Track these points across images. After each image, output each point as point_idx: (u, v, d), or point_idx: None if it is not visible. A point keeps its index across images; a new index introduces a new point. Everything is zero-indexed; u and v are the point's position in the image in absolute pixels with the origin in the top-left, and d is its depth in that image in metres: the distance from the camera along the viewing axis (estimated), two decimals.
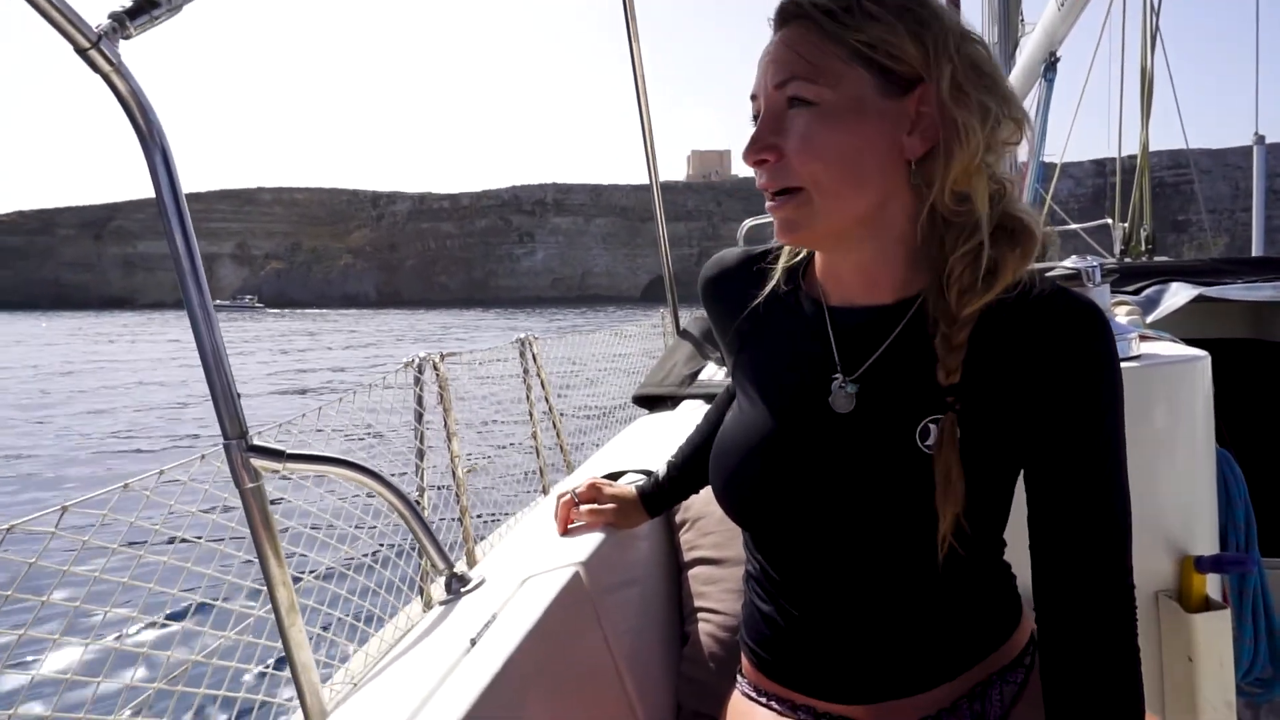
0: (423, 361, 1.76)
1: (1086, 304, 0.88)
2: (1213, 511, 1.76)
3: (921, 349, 0.90)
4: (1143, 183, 4.91)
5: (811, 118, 0.84)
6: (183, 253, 1.05)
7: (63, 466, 11.70)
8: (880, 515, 0.90)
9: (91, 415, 16.25)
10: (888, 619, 0.95)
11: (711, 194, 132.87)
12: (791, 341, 1.00)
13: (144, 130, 1.02)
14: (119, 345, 36.70)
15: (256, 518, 1.11)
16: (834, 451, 0.93)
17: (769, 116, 0.87)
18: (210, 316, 1.08)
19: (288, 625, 1.13)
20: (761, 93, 0.88)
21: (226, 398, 1.09)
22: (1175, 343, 1.82)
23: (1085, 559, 0.88)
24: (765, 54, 0.89)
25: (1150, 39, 4.96)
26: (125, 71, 0.99)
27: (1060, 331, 0.86)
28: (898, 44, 0.83)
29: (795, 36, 0.86)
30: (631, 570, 1.43)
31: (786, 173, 0.86)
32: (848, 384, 0.93)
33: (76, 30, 0.94)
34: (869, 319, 0.94)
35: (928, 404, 0.89)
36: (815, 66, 0.84)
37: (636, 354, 4.02)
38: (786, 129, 0.86)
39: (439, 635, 1.16)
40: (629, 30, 2.77)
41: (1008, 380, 0.88)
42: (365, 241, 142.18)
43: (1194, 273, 2.53)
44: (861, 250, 0.92)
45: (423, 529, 1.30)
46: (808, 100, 0.84)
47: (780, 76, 0.86)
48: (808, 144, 0.84)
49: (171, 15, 1.05)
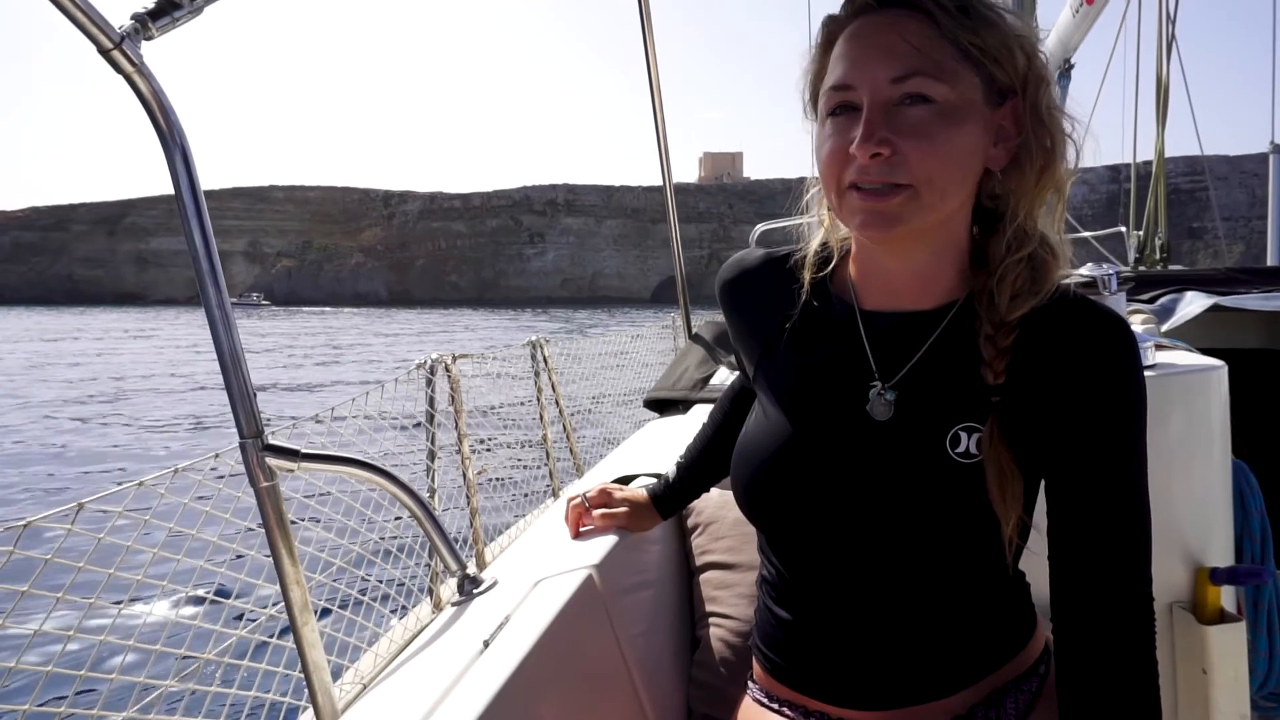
0: (435, 363, 1.76)
1: (1116, 316, 0.90)
2: (1228, 523, 1.75)
3: (955, 355, 0.91)
4: (1158, 190, 4.89)
5: (931, 115, 0.81)
6: (201, 252, 1.06)
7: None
8: (911, 522, 0.89)
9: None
10: (908, 626, 0.95)
11: (723, 196, 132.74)
12: (822, 346, 0.98)
13: (164, 130, 1.03)
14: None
15: (271, 516, 1.11)
16: (870, 458, 0.92)
17: (881, 108, 0.82)
18: (228, 316, 1.08)
19: (300, 624, 1.14)
20: (865, 83, 0.83)
21: (243, 397, 1.09)
22: (1191, 352, 1.81)
23: (1107, 570, 0.87)
24: (866, 41, 0.84)
25: (1166, 46, 4.93)
26: (147, 72, 0.99)
27: (1092, 342, 0.87)
28: (1007, 54, 0.83)
29: (909, 28, 0.82)
30: (643, 574, 1.42)
31: (901, 168, 0.82)
32: (887, 391, 0.92)
33: (100, 31, 0.94)
34: (903, 324, 0.94)
35: (960, 411, 0.90)
36: (937, 63, 0.81)
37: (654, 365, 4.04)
38: (899, 123, 0.82)
39: (452, 636, 1.16)
40: (644, 31, 2.77)
41: (1040, 387, 0.88)
42: (376, 240, 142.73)
43: (1209, 282, 2.52)
44: (921, 253, 0.91)
45: (436, 530, 1.31)
46: (928, 97, 0.81)
47: (900, 70, 0.81)
48: (929, 142, 0.81)
49: (193, 16, 1.06)
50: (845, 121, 0.85)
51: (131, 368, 23.75)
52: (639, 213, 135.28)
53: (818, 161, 0.89)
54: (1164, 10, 4.97)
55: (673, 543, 1.56)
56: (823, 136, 0.88)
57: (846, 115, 0.85)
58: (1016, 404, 0.88)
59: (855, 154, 0.82)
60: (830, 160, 0.86)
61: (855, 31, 0.86)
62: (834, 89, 0.85)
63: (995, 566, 0.93)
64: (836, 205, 0.88)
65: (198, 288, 1.09)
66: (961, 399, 0.90)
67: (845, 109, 0.85)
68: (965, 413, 0.89)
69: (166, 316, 60.94)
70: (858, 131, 0.82)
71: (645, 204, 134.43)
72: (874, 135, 0.81)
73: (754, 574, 1.41)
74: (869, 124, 0.81)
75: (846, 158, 0.84)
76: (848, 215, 0.87)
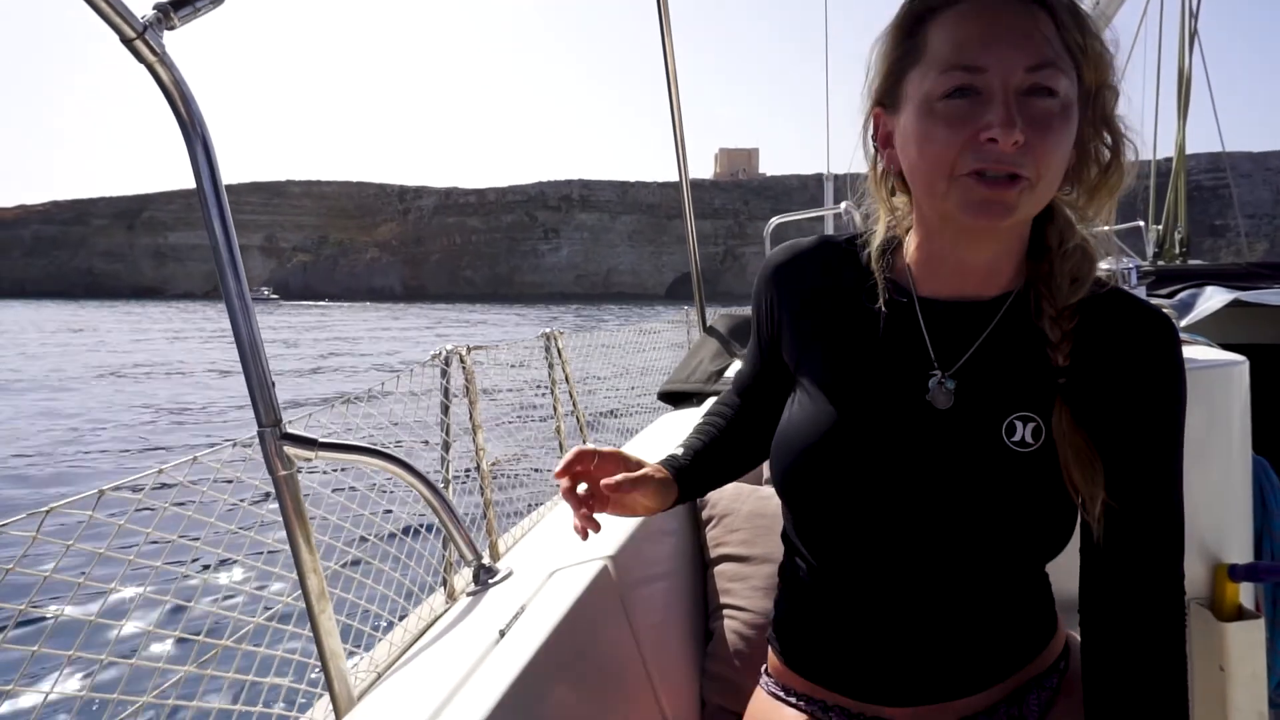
0: (450, 354, 1.77)
1: (1162, 313, 0.92)
2: (1248, 519, 1.74)
3: (1012, 344, 0.92)
4: (1178, 185, 4.84)
5: (1055, 109, 0.81)
6: (221, 242, 1.06)
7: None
8: (965, 511, 0.89)
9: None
10: (943, 620, 0.94)
11: (739, 192, 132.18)
12: (878, 332, 0.97)
13: (186, 120, 1.04)
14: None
15: (289, 505, 1.13)
16: (929, 447, 0.91)
17: (1014, 97, 0.80)
18: (248, 306, 1.09)
19: (318, 612, 1.15)
20: (1001, 66, 0.80)
21: (262, 386, 1.10)
22: (1212, 347, 1.79)
23: (1146, 560, 0.88)
24: (997, 23, 0.81)
25: (1189, 39, 4.87)
26: (169, 61, 1.00)
27: (1147, 337, 0.90)
28: (1098, 58, 0.83)
29: (1039, 19, 0.81)
30: (658, 565, 1.43)
31: (1027, 160, 0.80)
32: (947, 379, 0.92)
33: (123, 20, 0.95)
34: (961, 312, 0.94)
35: (1015, 400, 0.90)
36: (1062, 58, 0.81)
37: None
38: (1029, 114, 0.80)
39: (468, 626, 1.17)
40: (662, 28, 2.77)
41: (1098, 376, 0.89)
42: (391, 235, 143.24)
43: (1229, 277, 2.49)
44: (1000, 244, 0.91)
45: (452, 520, 1.31)
46: (1053, 91, 0.80)
47: (1036, 60, 0.80)
48: (1054, 136, 0.80)
49: (214, 6, 1.06)
50: (967, 105, 0.81)
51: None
52: (654, 209, 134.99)
53: (921, 144, 0.84)
54: (1186, 3, 4.91)
55: (687, 534, 1.56)
56: (933, 118, 0.83)
57: (967, 98, 0.81)
58: (1079, 390, 0.89)
59: (996, 139, 0.79)
60: (948, 145, 0.82)
61: (979, 11, 0.82)
62: (960, 68, 0.81)
63: (1035, 562, 0.95)
64: (943, 190, 0.84)
65: (218, 278, 1.10)
66: (1017, 388, 0.90)
67: (967, 92, 0.81)
68: (1021, 402, 0.90)
69: (190, 313, 61.17)
70: (989, 116, 0.79)
71: (660, 200, 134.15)
72: (1015, 122, 0.78)
73: (769, 566, 1.40)
74: (1009, 109, 0.79)
75: (970, 144, 0.81)
76: (958, 200, 0.83)
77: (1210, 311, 2.28)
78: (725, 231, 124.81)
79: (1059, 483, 0.88)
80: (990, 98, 0.80)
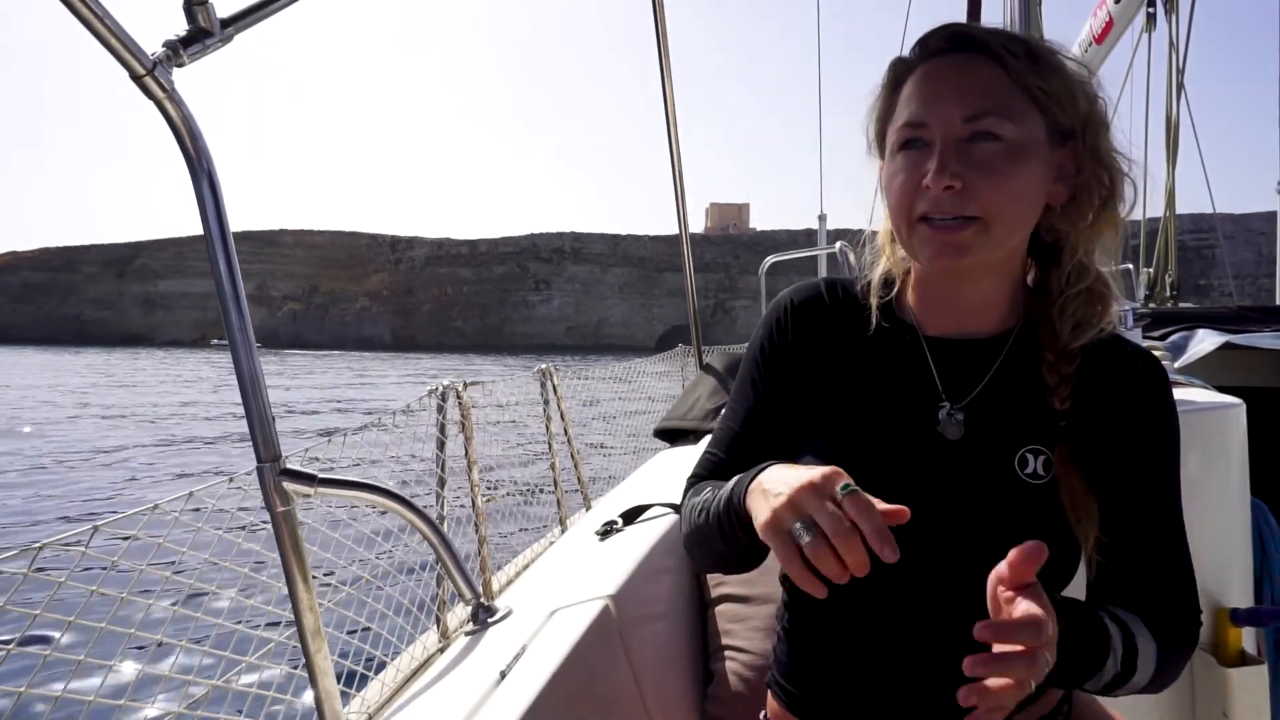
0: (446, 389, 1.76)
1: (1153, 355, 0.96)
2: (1248, 563, 1.73)
3: (1019, 380, 0.94)
4: (1168, 229, 4.92)
5: (1000, 152, 0.86)
6: (225, 278, 1.07)
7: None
8: (979, 543, 0.89)
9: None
10: (949, 659, 0.93)
11: (729, 246, 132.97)
12: (887, 369, 0.99)
13: (193, 157, 1.05)
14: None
15: (286, 541, 1.11)
16: (942, 477, 0.92)
17: (953, 145, 0.87)
18: (250, 343, 1.09)
19: (313, 651, 1.12)
20: (938, 121, 0.87)
21: (262, 421, 1.09)
22: (1208, 389, 1.81)
23: (1156, 604, 0.91)
24: (938, 82, 0.89)
25: (1176, 88, 4.99)
26: (178, 98, 1.01)
27: (1143, 377, 0.94)
28: (1070, 97, 0.88)
29: (981, 71, 0.87)
30: (658, 604, 1.40)
31: (971, 201, 0.86)
32: (956, 411, 0.94)
33: (133, 57, 0.96)
34: (965, 348, 0.97)
35: (1025, 434, 0.92)
36: (1005, 104, 0.86)
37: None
38: (970, 159, 0.86)
39: (468, 665, 1.15)
40: (663, 81, 2.82)
41: (1098, 417, 0.92)
42: (383, 285, 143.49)
43: (1220, 319, 2.52)
44: (985, 282, 0.95)
45: (452, 558, 1.30)
46: (997, 136, 0.86)
47: (973, 110, 0.86)
48: (998, 177, 0.85)
49: (223, 45, 1.08)
50: (917, 156, 0.88)
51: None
52: (645, 261, 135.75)
53: (888, 194, 0.92)
54: (1173, 58, 5.04)
55: (686, 574, 1.54)
56: (893, 170, 0.91)
57: (918, 150, 0.89)
58: (1079, 430, 0.91)
59: (929, 185, 0.85)
60: (902, 192, 0.89)
61: (927, 72, 0.90)
62: (907, 125, 0.89)
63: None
64: (906, 237, 0.91)
65: (205, 327, 1.10)
66: (1026, 422, 0.92)
67: (916, 144, 0.89)
68: (1030, 435, 0.92)
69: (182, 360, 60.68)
70: (930, 165, 0.86)
71: (651, 253, 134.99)
72: (947, 169, 0.85)
73: (769, 607, 1.38)
74: (942, 157, 0.85)
75: (917, 190, 0.87)
76: (918, 246, 0.90)
77: (1203, 354, 2.30)
78: (716, 285, 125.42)
79: (1066, 516, 0.89)
80: (933, 149, 0.87)
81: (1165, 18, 5.02)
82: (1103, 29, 5.15)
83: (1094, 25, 5.26)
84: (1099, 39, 5.19)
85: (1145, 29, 5.19)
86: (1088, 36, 5.33)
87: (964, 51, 0.89)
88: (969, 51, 0.89)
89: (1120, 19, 5.04)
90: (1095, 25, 5.24)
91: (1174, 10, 4.96)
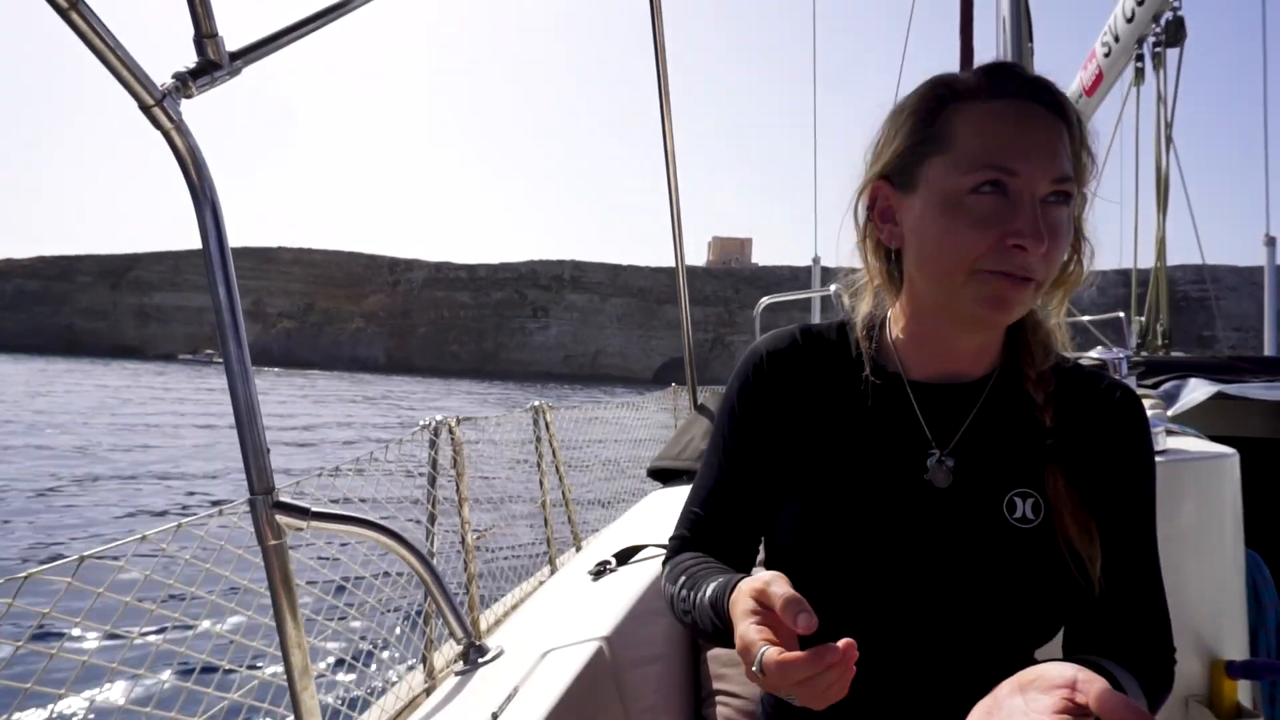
0: (439, 424, 1.76)
1: (1128, 386, 0.98)
2: (1243, 615, 1.72)
3: (1002, 421, 0.94)
4: (1160, 278, 4.97)
5: (1066, 217, 0.85)
6: (225, 307, 1.06)
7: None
8: (970, 589, 0.89)
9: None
10: (939, 707, 0.92)
11: (730, 280, 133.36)
12: (872, 415, 0.98)
13: (197, 186, 1.05)
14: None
15: (277, 576, 1.09)
16: (932, 525, 0.91)
17: (1037, 205, 0.83)
18: (247, 371, 1.08)
19: (300, 690, 1.10)
20: (1032, 175, 0.83)
21: (256, 452, 1.08)
22: (1201, 438, 1.81)
23: (1140, 626, 0.91)
24: (1029, 131, 0.84)
25: (1165, 140, 5.06)
26: (185, 129, 1.02)
27: (1122, 410, 0.94)
28: (1090, 169, 0.89)
29: (1062, 133, 0.85)
30: (652, 647, 1.39)
31: (1045, 265, 0.84)
32: (945, 458, 0.93)
33: (142, 87, 0.97)
34: (951, 394, 0.96)
35: (1013, 477, 0.92)
36: (1073, 170, 0.86)
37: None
38: (1048, 222, 0.83)
39: (459, 706, 1.13)
40: (663, 115, 2.85)
41: (1077, 449, 0.93)
42: (379, 306, 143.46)
43: (1212, 369, 2.53)
44: (991, 331, 0.95)
45: (444, 597, 1.28)
46: (1068, 199, 0.85)
47: (1060, 172, 0.83)
48: (1062, 244, 0.85)
49: (232, 77, 1.09)
50: (995, 204, 0.83)
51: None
52: (645, 293, 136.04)
53: (942, 235, 0.86)
54: (1161, 115, 5.11)
55: None
56: (958, 211, 0.85)
57: (995, 196, 0.84)
58: (1066, 453, 0.92)
59: (1023, 246, 0.82)
60: (975, 242, 0.84)
61: (1014, 115, 0.85)
62: (994, 168, 0.83)
63: (1036, 642, 0.93)
64: (960, 282, 0.86)
65: (199, 342, 1.10)
66: (1013, 465, 0.92)
67: (996, 189, 0.84)
68: (1018, 479, 0.92)
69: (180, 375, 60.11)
70: (1018, 224, 0.82)
71: (652, 284, 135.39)
72: (1044, 235, 0.82)
73: None
74: (1034, 218, 0.82)
75: (997, 244, 0.83)
76: (974, 294, 0.86)
77: (1195, 403, 2.30)
78: (715, 319, 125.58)
79: (1058, 559, 0.89)
80: (1018, 202, 0.82)
81: (1154, 72, 5.11)
82: (1093, 82, 5.24)
83: (1084, 78, 5.36)
84: (1089, 91, 5.28)
85: (1134, 83, 5.28)
86: (1078, 89, 5.42)
87: (1045, 104, 0.85)
88: (1048, 106, 0.85)
89: (1110, 73, 5.13)
90: (1085, 78, 5.34)
91: (1161, 65, 5.04)
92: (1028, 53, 3.19)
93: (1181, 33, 4.86)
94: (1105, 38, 5.08)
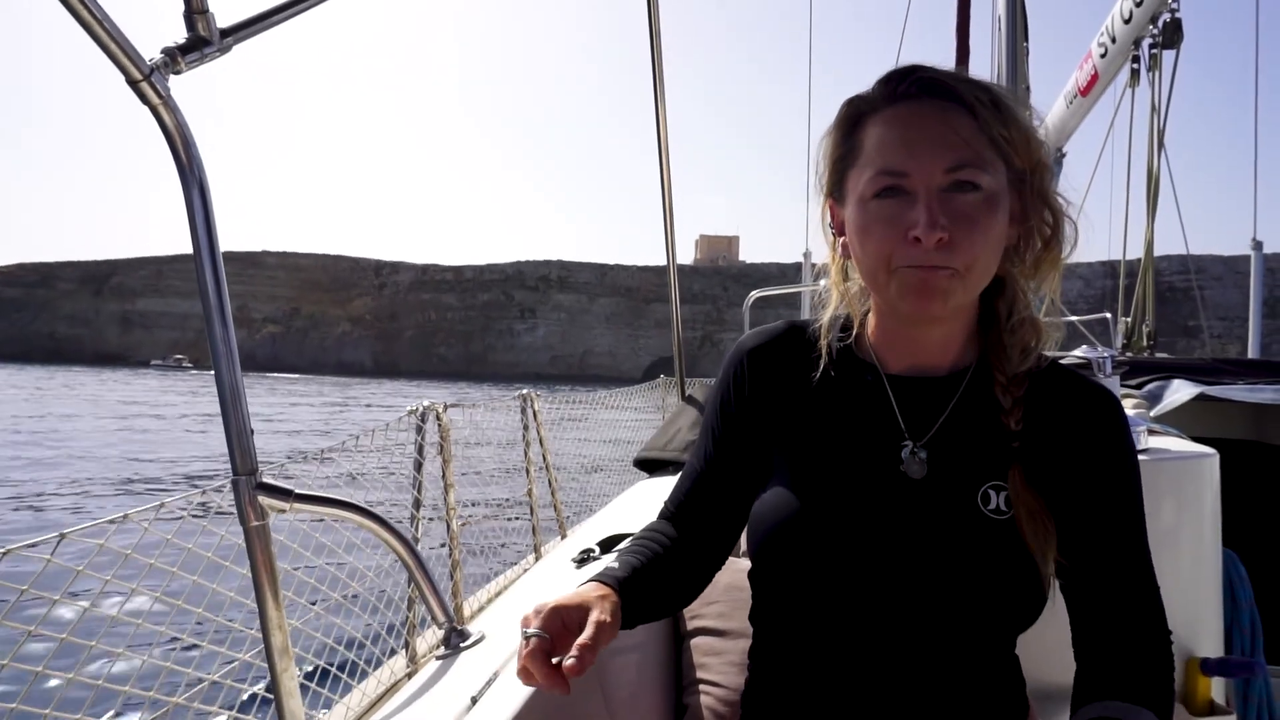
0: (426, 410, 1.75)
1: (1104, 386, 0.99)
2: (1218, 613, 1.74)
3: (977, 415, 0.96)
4: (1146, 280, 5.01)
5: (979, 203, 0.87)
6: (211, 290, 1.06)
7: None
8: (945, 579, 0.90)
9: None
10: (918, 695, 0.93)
11: (718, 278, 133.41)
12: (849, 409, 1.00)
13: (185, 164, 1.05)
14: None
15: (259, 557, 1.09)
16: (907, 516, 0.93)
17: (936, 196, 0.87)
18: (233, 354, 1.08)
19: (280, 670, 1.10)
20: (921, 171, 0.87)
21: (240, 433, 1.08)
22: (1182, 439, 1.82)
23: (1136, 621, 0.92)
24: (916, 129, 0.88)
25: (1158, 139, 5.10)
26: (173, 105, 1.01)
27: (1098, 409, 0.96)
28: (1024, 143, 0.90)
29: (956, 120, 0.87)
30: (633, 635, 1.38)
31: (954, 253, 0.86)
32: (919, 449, 0.95)
33: (130, 62, 0.96)
34: (925, 387, 0.98)
35: (986, 470, 0.94)
36: (980, 155, 0.87)
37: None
38: (951, 210, 0.86)
39: (440, 690, 1.13)
40: (657, 114, 2.86)
41: (1053, 445, 0.94)
42: (366, 310, 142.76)
43: (1195, 371, 2.57)
44: (947, 322, 0.96)
45: (427, 581, 1.28)
46: (976, 186, 0.87)
47: (954, 160, 0.86)
48: (979, 228, 0.87)
49: (221, 54, 1.09)
50: (896, 206, 0.88)
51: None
52: (632, 292, 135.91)
53: (862, 241, 0.91)
54: (1154, 112, 5.15)
55: None
56: (868, 218, 0.90)
57: (896, 198, 0.88)
58: (1034, 457, 0.93)
59: (919, 238, 0.85)
60: (882, 242, 0.89)
61: (901, 118, 0.90)
62: (885, 173, 0.88)
63: (1011, 632, 0.95)
64: (884, 280, 0.90)
65: (185, 345, 1.09)
66: (987, 457, 0.94)
67: (894, 192, 0.88)
68: (991, 471, 0.93)
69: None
70: (914, 216, 0.86)
71: (639, 283, 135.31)
72: (937, 223, 0.85)
73: (743, 642, 1.37)
74: (931, 212, 0.85)
75: (900, 242, 0.87)
76: (898, 292, 0.90)
77: (1177, 404, 2.33)
78: (704, 317, 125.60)
79: (1028, 549, 0.90)
80: (915, 199, 0.87)
81: (1148, 74, 5.14)
82: (1088, 82, 5.28)
83: (1080, 78, 5.40)
84: (1084, 91, 5.32)
85: (1129, 84, 5.31)
86: (1074, 88, 5.46)
87: (936, 98, 0.89)
88: (941, 98, 0.89)
89: (1105, 74, 5.16)
90: (1081, 78, 5.38)
91: (1157, 67, 5.07)
92: (1023, 53, 3.22)
93: (1179, 35, 4.88)
94: (1102, 38, 5.11)
